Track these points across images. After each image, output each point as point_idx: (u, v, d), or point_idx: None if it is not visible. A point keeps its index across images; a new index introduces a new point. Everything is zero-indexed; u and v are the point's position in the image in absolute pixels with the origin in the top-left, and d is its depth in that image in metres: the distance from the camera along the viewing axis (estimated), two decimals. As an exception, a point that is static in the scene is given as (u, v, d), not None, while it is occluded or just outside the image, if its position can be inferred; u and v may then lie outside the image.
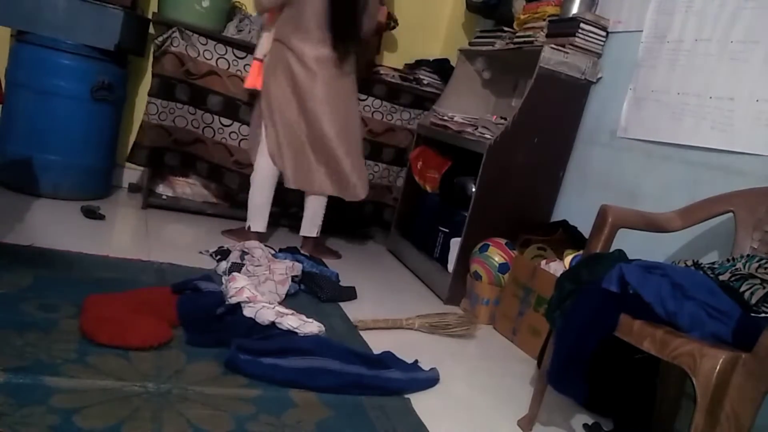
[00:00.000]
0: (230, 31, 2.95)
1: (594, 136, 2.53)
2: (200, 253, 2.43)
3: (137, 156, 2.81)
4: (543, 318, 1.69)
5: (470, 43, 3.17)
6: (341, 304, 2.24)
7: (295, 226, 3.17)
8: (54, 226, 2.38)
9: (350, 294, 2.35)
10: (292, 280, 2.21)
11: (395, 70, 3.33)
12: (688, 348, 1.19)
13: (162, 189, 3.07)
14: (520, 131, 2.50)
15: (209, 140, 2.88)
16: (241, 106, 2.89)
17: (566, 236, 2.37)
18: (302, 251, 2.66)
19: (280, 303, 2.02)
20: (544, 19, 2.64)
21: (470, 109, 3.05)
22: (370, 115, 3.15)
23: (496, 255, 2.43)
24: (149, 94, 2.77)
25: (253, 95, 2.81)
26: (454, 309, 2.51)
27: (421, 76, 3.30)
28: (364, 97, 3.10)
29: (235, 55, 2.85)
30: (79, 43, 2.63)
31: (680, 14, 2.17)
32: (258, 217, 2.69)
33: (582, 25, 2.46)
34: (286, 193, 2.75)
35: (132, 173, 3.22)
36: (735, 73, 1.93)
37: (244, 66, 2.85)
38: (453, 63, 3.28)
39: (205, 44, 2.79)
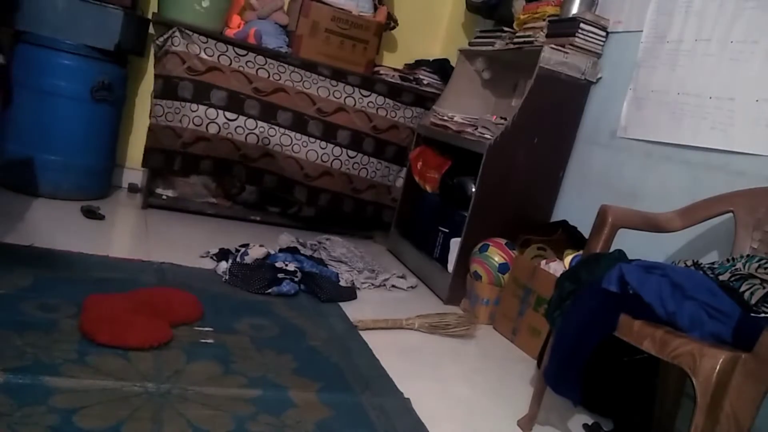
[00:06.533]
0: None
1: (594, 136, 2.53)
2: (201, 256, 2.41)
3: (152, 160, 2.80)
4: (543, 318, 1.69)
5: (470, 43, 3.17)
6: (341, 304, 2.24)
7: (295, 226, 3.18)
8: (54, 226, 2.37)
9: (350, 294, 2.35)
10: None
11: (395, 70, 3.33)
12: (688, 348, 1.19)
13: (162, 189, 3.07)
14: (520, 131, 2.50)
15: (214, 136, 2.87)
16: (245, 100, 2.88)
17: (566, 236, 2.37)
18: None
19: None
20: (544, 19, 2.64)
21: (470, 109, 3.05)
22: (374, 111, 3.14)
23: (496, 255, 2.43)
24: (154, 96, 2.77)
25: (258, 89, 2.81)
26: (454, 309, 2.51)
27: (421, 76, 3.30)
28: (367, 93, 3.10)
29: (236, 53, 2.85)
30: (79, 43, 2.62)
31: (680, 14, 2.17)
32: None
33: (582, 25, 2.46)
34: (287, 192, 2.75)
35: (132, 173, 3.21)
36: (735, 73, 1.92)
37: (246, 62, 2.85)
38: (453, 63, 3.28)
39: (205, 43, 2.78)
